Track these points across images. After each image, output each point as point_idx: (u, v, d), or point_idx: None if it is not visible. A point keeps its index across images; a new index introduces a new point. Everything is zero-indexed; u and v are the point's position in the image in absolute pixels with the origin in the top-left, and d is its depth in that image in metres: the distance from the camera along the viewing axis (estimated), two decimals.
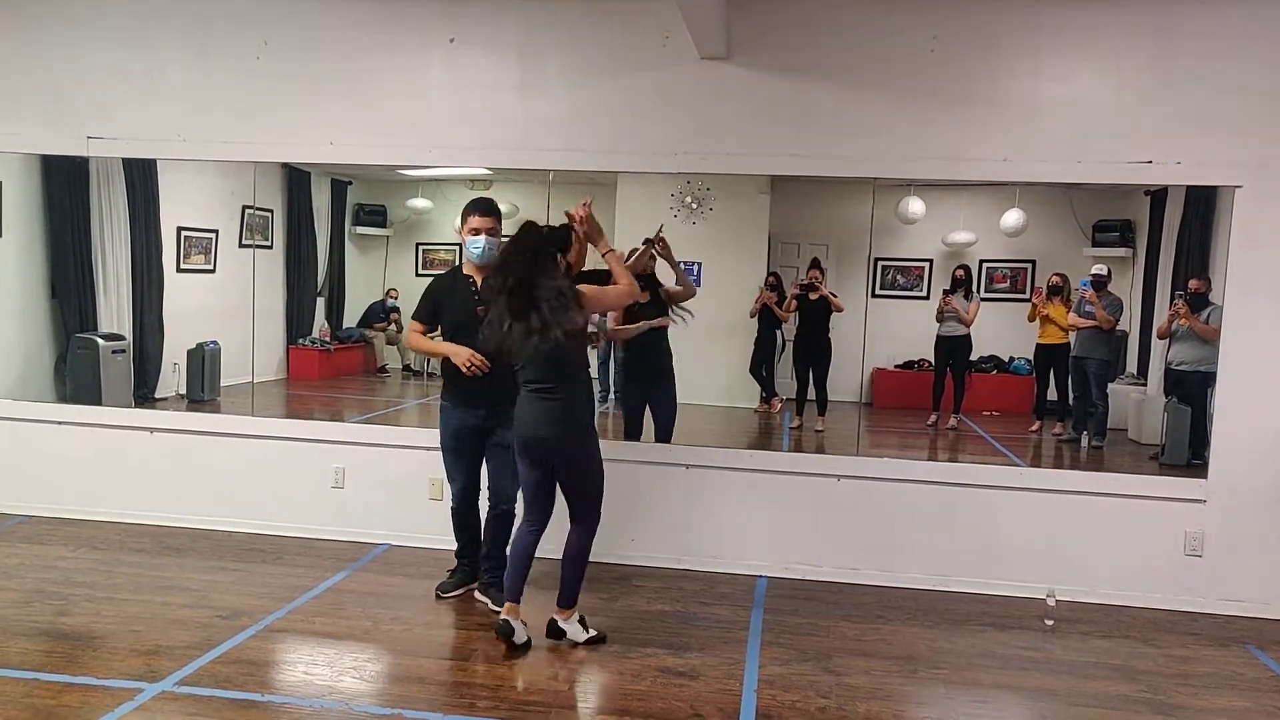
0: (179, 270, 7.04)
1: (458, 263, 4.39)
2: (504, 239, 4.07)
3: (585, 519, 3.89)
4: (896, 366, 8.01)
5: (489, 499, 4.30)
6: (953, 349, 7.30)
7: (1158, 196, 6.72)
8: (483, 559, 4.39)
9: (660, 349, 5.33)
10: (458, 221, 4.27)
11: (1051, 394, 7.06)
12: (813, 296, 6.86)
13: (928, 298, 7.87)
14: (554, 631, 3.95)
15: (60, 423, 5.54)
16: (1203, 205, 5.87)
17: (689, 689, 3.58)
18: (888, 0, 4.71)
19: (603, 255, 3.94)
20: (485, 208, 4.20)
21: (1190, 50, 4.55)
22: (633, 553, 4.97)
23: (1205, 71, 4.54)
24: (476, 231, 4.16)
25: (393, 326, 8.81)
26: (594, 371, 4.71)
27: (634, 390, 5.51)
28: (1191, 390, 5.52)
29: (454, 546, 4.51)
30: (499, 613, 3.90)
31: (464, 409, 4.22)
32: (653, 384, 5.40)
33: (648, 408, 5.40)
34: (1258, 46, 4.50)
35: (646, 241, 5.08)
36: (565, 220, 3.97)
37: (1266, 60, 4.49)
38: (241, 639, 3.86)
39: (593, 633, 3.96)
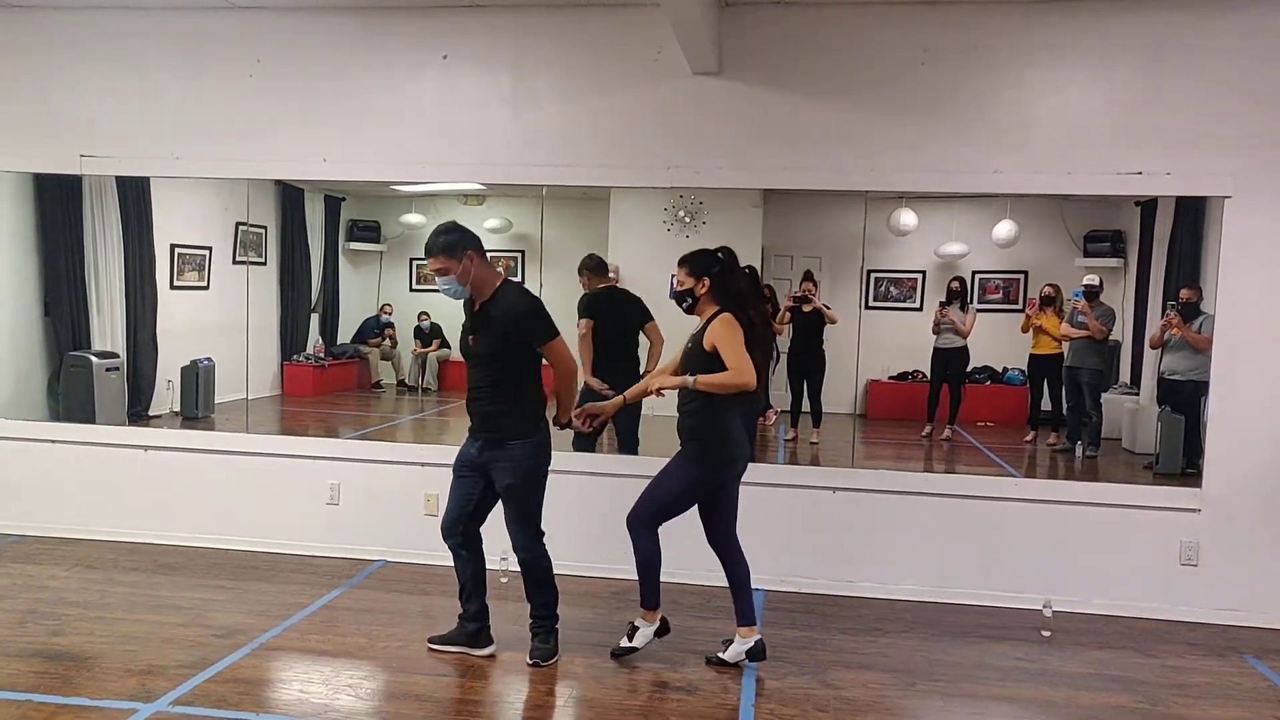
0: (172, 287, 7.03)
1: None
2: (478, 263, 3.72)
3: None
4: (890, 378, 8.02)
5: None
6: (950, 361, 7.32)
7: (1148, 207, 6.76)
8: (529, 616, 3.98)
9: None
10: None
11: (1045, 404, 7.08)
12: (806, 309, 6.87)
13: (921, 309, 7.89)
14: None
15: (54, 441, 5.52)
16: (1193, 215, 5.90)
17: (687, 704, 3.57)
18: (878, 15, 4.75)
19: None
20: (430, 248, 3.71)
21: (1179, 62, 4.59)
22: (628, 567, 4.95)
23: (1194, 83, 4.58)
24: (430, 278, 3.75)
25: (387, 342, 8.80)
26: None
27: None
28: (1184, 399, 5.54)
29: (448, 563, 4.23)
30: (539, 665, 3.86)
31: (469, 436, 3.90)
32: None
33: None
34: (1246, 58, 4.54)
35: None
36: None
37: (1255, 71, 4.53)
38: (236, 657, 3.84)
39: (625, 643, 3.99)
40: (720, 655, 3.93)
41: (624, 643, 3.97)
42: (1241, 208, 4.57)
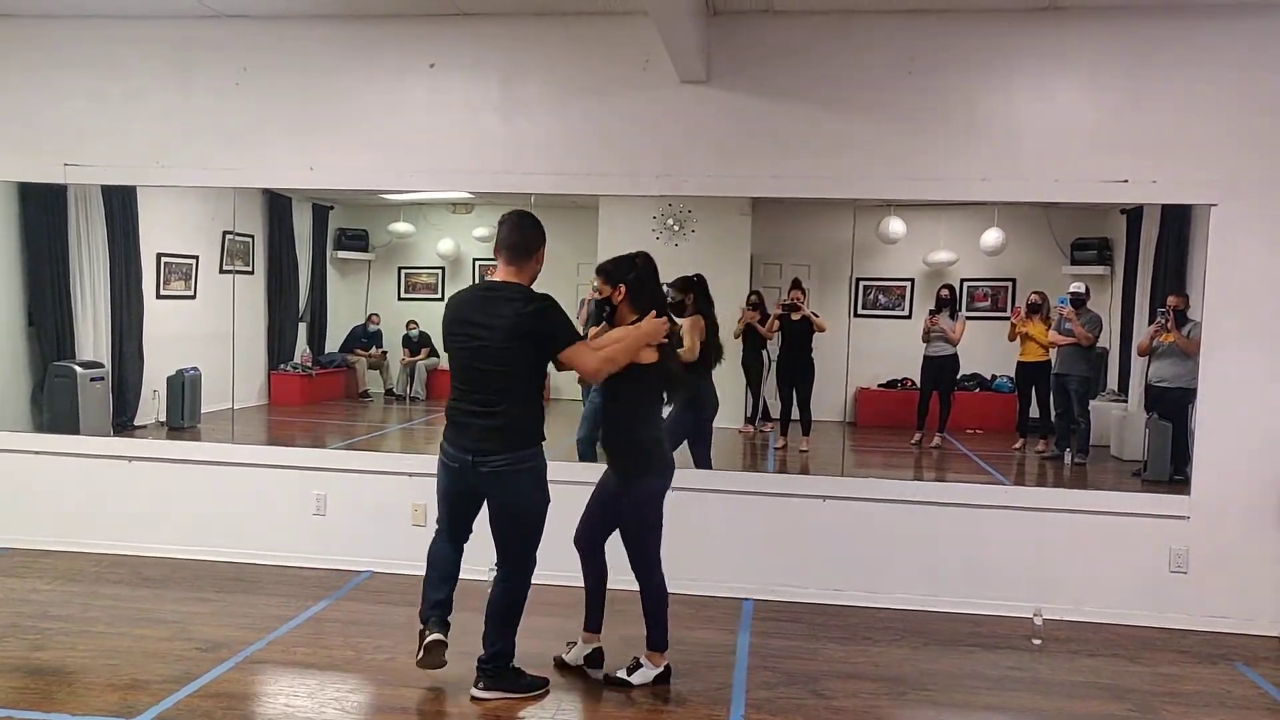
0: (159, 296, 6.99)
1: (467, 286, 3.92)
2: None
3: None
4: (880, 386, 8.02)
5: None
6: (940, 369, 7.32)
7: (1134, 215, 6.78)
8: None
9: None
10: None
11: (1034, 411, 7.09)
12: (795, 317, 6.88)
13: (910, 317, 7.90)
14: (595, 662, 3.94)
15: (37, 452, 5.48)
16: (1179, 223, 5.92)
17: (675, 715, 3.55)
18: (866, 23, 4.76)
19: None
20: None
21: (1165, 70, 4.61)
22: (615, 577, 4.92)
23: (1180, 91, 4.60)
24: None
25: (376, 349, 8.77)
26: None
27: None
28: (1172, 407, 5.55)
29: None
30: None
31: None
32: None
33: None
34: (1232, 66, 4.57)
35: None
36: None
37: (1240, 80, 4.56)
38: (221, 671, 3.80)
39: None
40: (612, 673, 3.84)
41: (621, 673, 3.80)
42: (1227, 215, 4.60)
